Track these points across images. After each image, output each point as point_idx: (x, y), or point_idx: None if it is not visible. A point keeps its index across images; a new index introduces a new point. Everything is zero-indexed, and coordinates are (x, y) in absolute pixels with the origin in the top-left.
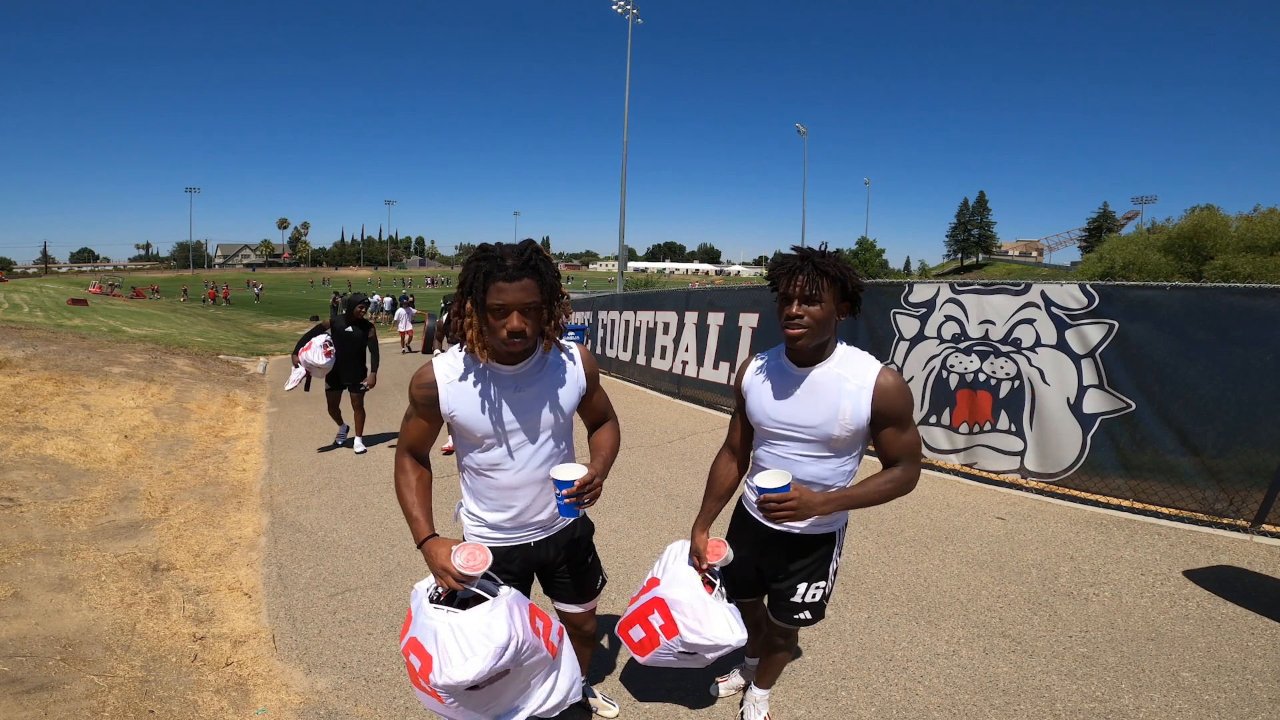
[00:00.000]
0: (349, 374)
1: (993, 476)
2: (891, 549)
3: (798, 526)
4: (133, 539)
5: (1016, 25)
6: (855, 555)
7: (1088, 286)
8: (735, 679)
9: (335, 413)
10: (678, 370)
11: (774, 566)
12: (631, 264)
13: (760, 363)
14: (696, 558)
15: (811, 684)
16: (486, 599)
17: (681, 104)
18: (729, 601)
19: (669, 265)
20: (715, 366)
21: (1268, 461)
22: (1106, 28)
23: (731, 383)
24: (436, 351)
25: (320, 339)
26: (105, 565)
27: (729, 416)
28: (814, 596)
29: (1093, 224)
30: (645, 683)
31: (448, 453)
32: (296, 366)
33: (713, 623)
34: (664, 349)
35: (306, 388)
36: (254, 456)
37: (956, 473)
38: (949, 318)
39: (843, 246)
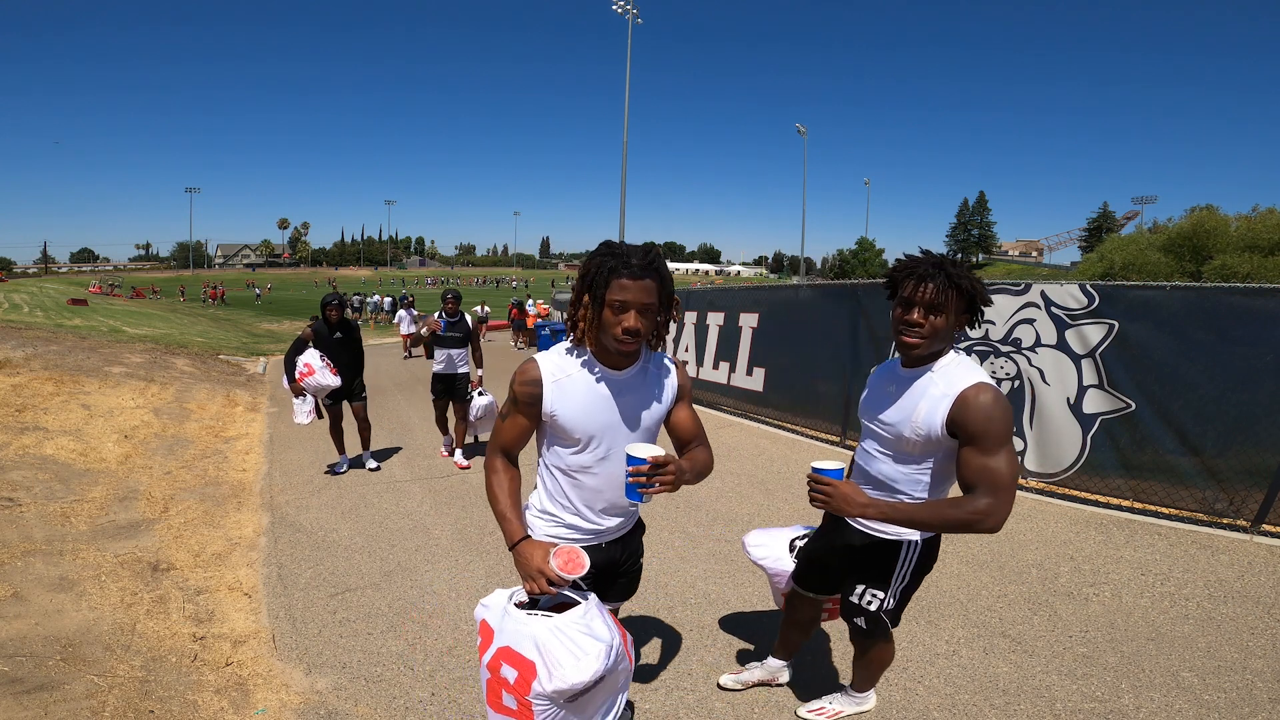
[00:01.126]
0: (349, 385)
1: None
2: None
3: (873, 527)
4: (133, 539)
5: (1016, 25)
6: None
7: (1088, 286)
8: (748, 674)
9: (338, 433)
10: None
11: (844, 562)
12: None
13: (886, 363)
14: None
15: (811, 684)
16: (578, 602)
17: (681, 104)
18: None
19: (669, 265)
20: (715, 366)
21: (1268, 461)
22: (1106, 28)
23: (730, 382)
24: (424, 332)
25: (316, 357)
26: (105, 565)
27: (729, 416)
28: (869, 604)
29: (1093, 224)
30: (647, 675)
31: (454, 454)
32: (300, 397)
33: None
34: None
35: (319, 415)
36: (254, 456)
37: None
38: None
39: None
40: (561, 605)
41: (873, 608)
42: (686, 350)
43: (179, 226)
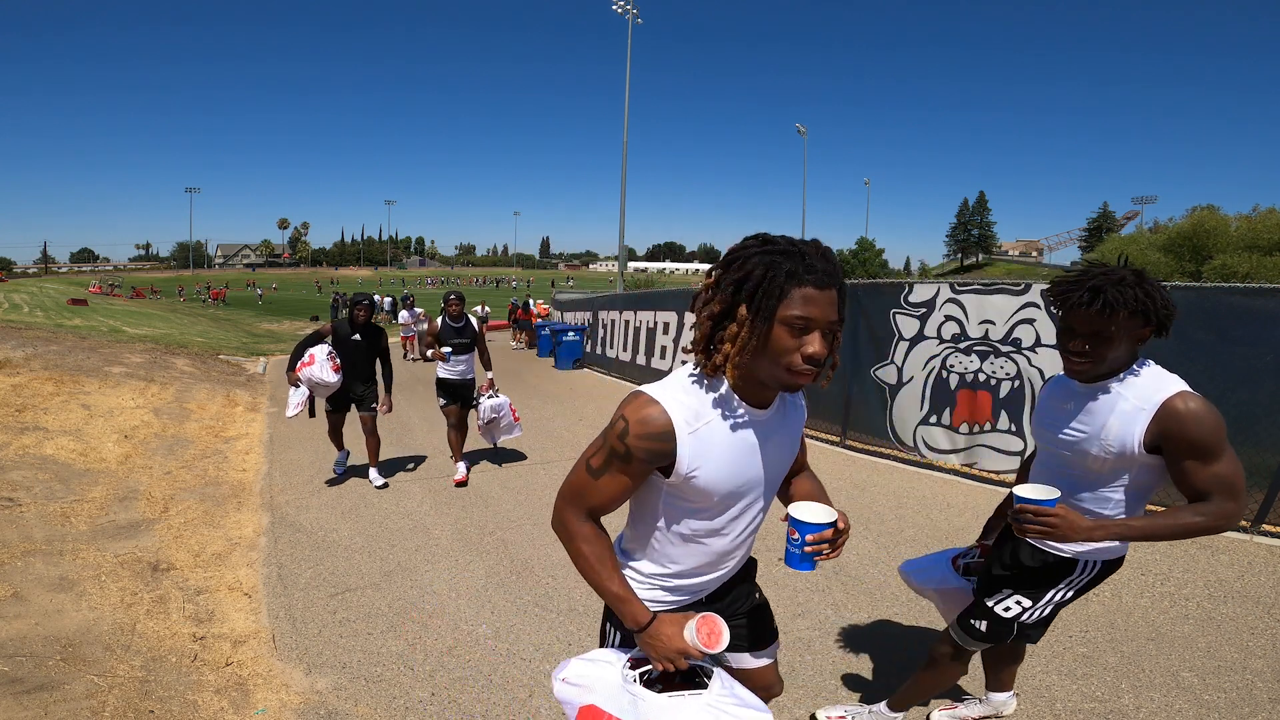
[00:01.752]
0: (358, 392)
1: (993, 476)
2: (891, 549)
3: (1064, 549)
4: (133, 539)
5: (1016, 25)
6: (855, 555)
7: None
8: (965, 710)
9: (337, 436)
10: None
11: (1003, 572)
12: (631, 264)
13: (1059, 374)
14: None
15: (811, 684)
16: (709, 671)
17: (681, 104)
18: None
19: (669, 265)
20: None
21: (1268, 461)
22: (1106, 28)
23: None
24: (429, 355)
25: (322, 350)
26: (105, 565)
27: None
28: (1006, 610)
29: (1093, 224)
30: None
31: (460, 484)
32: (296, 386)
33: None
34: (664, 349)
35: (311, 413)
36: (254, 456)
37: (956, 473)
38: (949, 318)
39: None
40: (693, 674)
41: (1009, 614)
42: (686, 350)
43: (179, 226)
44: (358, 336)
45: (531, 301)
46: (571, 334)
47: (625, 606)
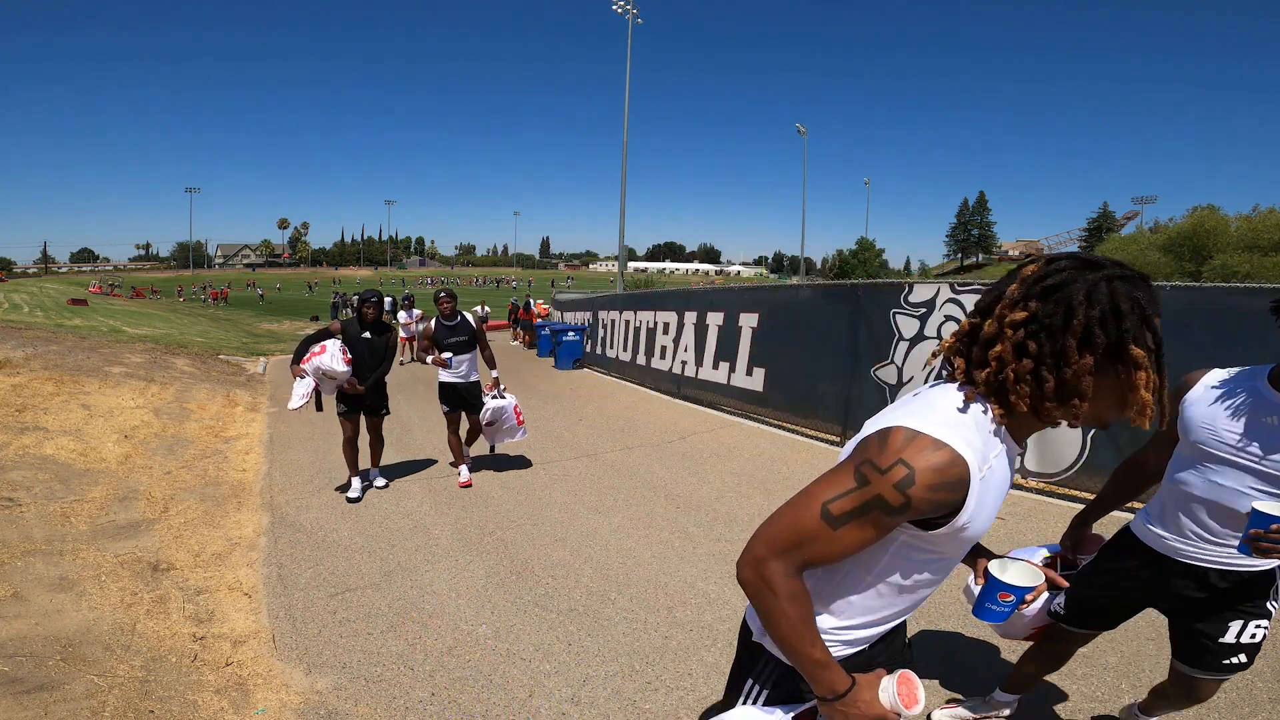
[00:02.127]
0: (373, 393)
1: None
2: None
3: (1238, 561)
4: (133, 539)
5: (1016, 25)
6: None
7: None
8: (964, 711)
9: (352, 449)
10: (677, 370)
11: (1194, 605)
12: (631, 264)
13: (1224, 377)
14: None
15: None
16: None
17: (682, 104)
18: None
19: (669, 265)
20: (715, 366)
21: None
22: (1107, 27)
23: (730, 382)
24: (429, 360)
25: (335, 343)
26: (105, 565)
27: (728, 416)
28: (1253, 637)
29: (1093, 224)
30: (648, 675)
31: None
32: (300, 378)
33: None
34: (664, 349)
35: (318, 406)
36: (254, 456)
37: None
38: (949, 318)
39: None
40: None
41: (1257, 639)
42: (686, 350)
43: (179, 226)
44: (368, 335)
45: (531, 302)
46: (571, 334)
47: (825, 674)
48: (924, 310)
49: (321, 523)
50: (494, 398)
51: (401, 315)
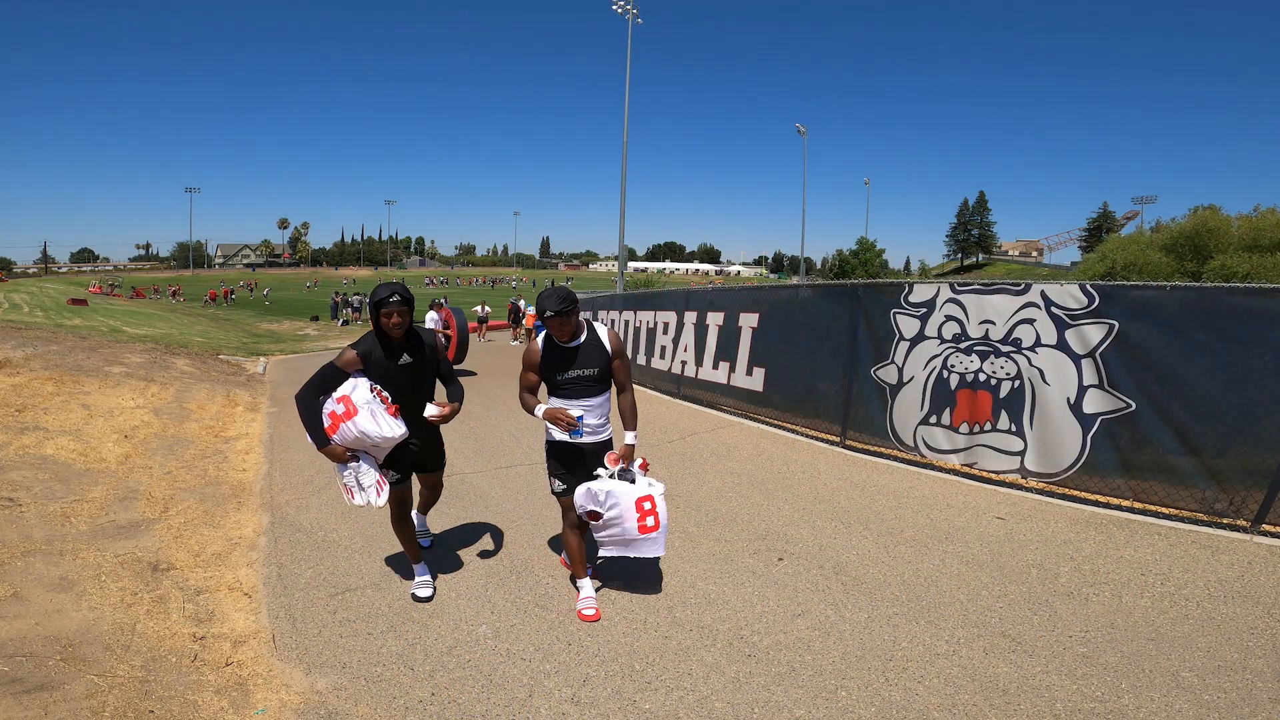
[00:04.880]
0: (424, 443)
1: (993, 476)
2: (891, 549)
3: None
4: (133, 539)
5: (1017, 25)
6: (855, 555)
7: (1088, 286)
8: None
9: (407, 527)
10: (677, 370)
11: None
12: (631, 264)
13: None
14: None
15: (811, 684)
16: None
17: (682, 103)
18: None
19: (669, 265)
20: (715, 366)
21: (1268, 461)
22: (1107, 27)
23: (730, 383)
24: (537, 412)
25: (363, 387)
26: (105, 565)
27: (728, 416)
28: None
29: (1093, 224)
30: (647, 675)
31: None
32: (344, 465)
33: None
34: (664, 349)
35: (391, 488)
36: (254, 456)
37: (956, 473)
38: (949, 318)
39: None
40: None
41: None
42: (686, 350)
43: (179, 226)
44: (406, 359)
45: (524, 302)
46: None
47: None
48: (924, 310)
49: (321, 523)
50: (614, 475)
51: (431, 316)
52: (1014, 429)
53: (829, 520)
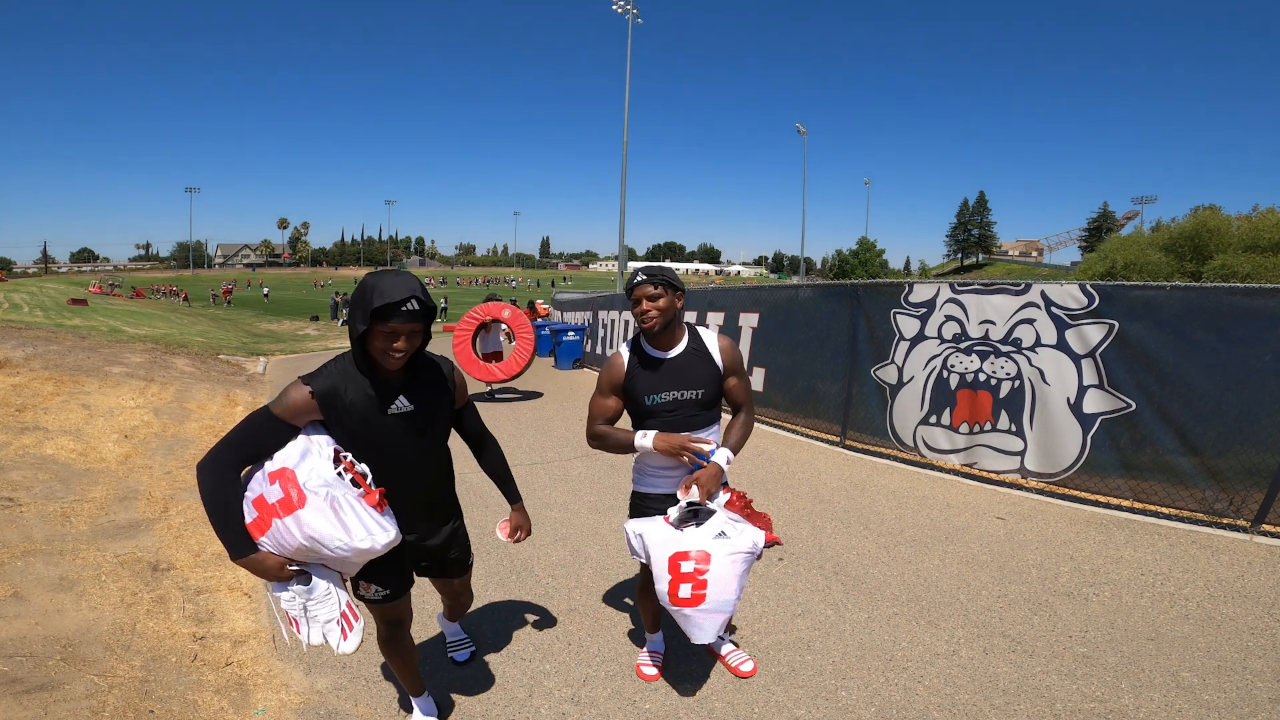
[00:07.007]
0: (437, 534)
1: (993, 476)
2: (891, 549)
3: None
4: (133, 539)
5: (1017, 24)
6: (855, 555)
7: (1088, 286)
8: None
9: (404, 656)
10: None
11: None
12: (632, 264)
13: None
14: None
15: (811, 684)
16: None
17: (682, 104)
18: None
19: (669, 265)
20: None
21: (1268, 461)
22: (1107, 27)
23: None
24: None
25: (318, 462)
26: (105, 565)
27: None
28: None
29: (1093, 224)
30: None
31: None
32: (285, 585)
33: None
34: None
35: (351, 626)
36: None
37: (956, 473)
38: (949, 318)
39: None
40: None
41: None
42: None
43: (179, 226)
44: (404, 401)
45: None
46: (571, 334)
47: None
48: (924, 310)
49: None
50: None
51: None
52: (1014, 429)
53: (829, 520)
